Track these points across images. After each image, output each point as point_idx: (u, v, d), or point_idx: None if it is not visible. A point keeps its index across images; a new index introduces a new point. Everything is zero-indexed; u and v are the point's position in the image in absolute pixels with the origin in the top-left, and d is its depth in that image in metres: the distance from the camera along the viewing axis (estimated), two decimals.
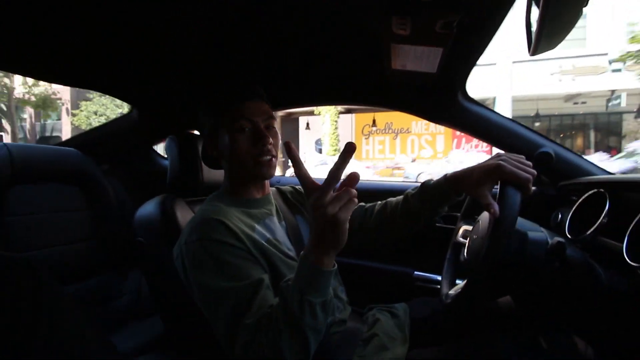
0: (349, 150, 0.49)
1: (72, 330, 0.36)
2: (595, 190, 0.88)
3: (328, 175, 0.51)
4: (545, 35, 0.42)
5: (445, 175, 0.76)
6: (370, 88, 1.14)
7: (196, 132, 1.09)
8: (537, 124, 11.42)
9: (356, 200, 0.52)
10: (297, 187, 0.95)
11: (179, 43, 0.84)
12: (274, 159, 0.75)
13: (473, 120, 1.12)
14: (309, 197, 0.53)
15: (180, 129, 1.35)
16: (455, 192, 0.75)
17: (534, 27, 0.46)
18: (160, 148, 1.97)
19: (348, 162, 0.50)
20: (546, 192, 1.14)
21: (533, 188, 1.13)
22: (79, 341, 0.36)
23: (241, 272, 0.62)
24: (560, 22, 0.38)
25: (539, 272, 0.66)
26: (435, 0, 0.52)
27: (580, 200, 0.92)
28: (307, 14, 0.70)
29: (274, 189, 0.90)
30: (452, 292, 0.75)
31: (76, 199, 1.29)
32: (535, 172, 0.63)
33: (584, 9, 0.39)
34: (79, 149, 1.33)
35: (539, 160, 1.06)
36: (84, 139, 1.49)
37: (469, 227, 0.87)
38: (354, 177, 0.52)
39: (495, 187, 0.67)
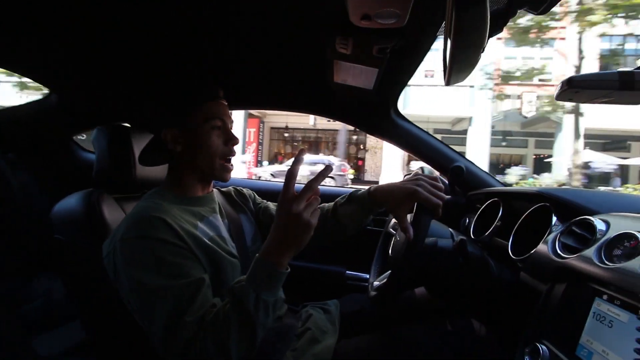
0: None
1: None
2: (493, 199, 1.07)
3: (306, 185, 0.58)
4: (455, 70, 0.52)
5: (369, 189, 0.83)
6: (316, 98, 1.21)
7: (127, 125, 1.01)
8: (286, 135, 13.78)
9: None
10: (237, 187, 0.97)
11: (128, 30, 0.79)
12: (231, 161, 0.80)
13: (402, 134, 1.26)
14: (284, 201, 0.58)
15: (108, 120, 1.24)
16: (377, 206, 0.82)
17: (447, 62, 0.56)
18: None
19: (324, 177, 0.59)
20: (458, 200, 1.33)
21: (447, 197, 1.31)
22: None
23: (182, 271, 0.62)
24: (465, 61, 0.48)
25: (447, 267, 0.79)
26: (373, 29, 0.60)
27: (482, 208, 1.11)
28: (261, 22, 0.73)
29: (215, 189, 0.90)
30: (377, 282, 0.84)
31: None
32: (445, 197, 0.72)
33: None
34: None
35: (453, 172, 1.24)
36: None
37: None
38: (317, 190, 0.60)
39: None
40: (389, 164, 12.04)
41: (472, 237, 1.06)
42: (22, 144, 1.31)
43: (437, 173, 0.80)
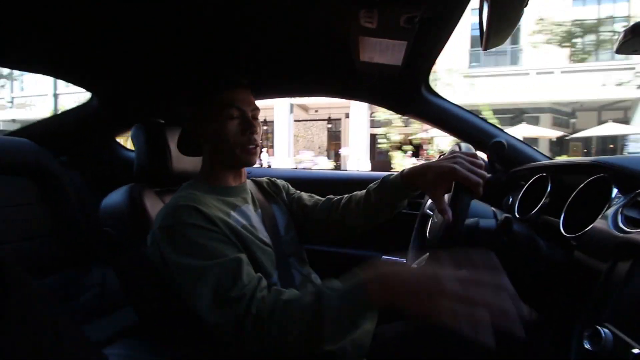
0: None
1: (44, 321, 0.35)
2: (539, 174, 0.99)
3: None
4: (494, 33, 0.48)
5: (402, 172, 0.78)
6: (340, 80, 1.18)
7: (161, 121, 1.06)
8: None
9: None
10: (272, 178, 0.98)
11: (151, 29, 0.82)
12: (258, 147, 0.78)
13: (436, 112, 1.20)
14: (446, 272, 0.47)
15: (145, 118, 1.30)
16: (411, 189, 0.77)
17: (484, 25, 0.51)
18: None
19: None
20: (500, 178, 1.25)
21: (488, 175, 1.24)
22: (50, 331, 0.36)
23: (217, 252, 0.63)
24: (505, 20, 0.43)
25: (491, 248, 0.74)
26: None
27: (527, 185, 1.03)
28: (280, 6, 0.72)
29: (249, 180, 0.91)
30: (415, 265, 0.81)
31: (31, 192, 1.21)
32: (486, 175, 0.66)
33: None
34: (33, 139, 1.24)
35: (492, 148, 1.16)
36: (37, 129, 1.39)
37: None
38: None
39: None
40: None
41: (517, 216, 0.99)
42: (72, 146, 1.41)
43: (473, 151, 0.74)
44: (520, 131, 9.81)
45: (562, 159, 1.33)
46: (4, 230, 1.11)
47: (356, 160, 12.01)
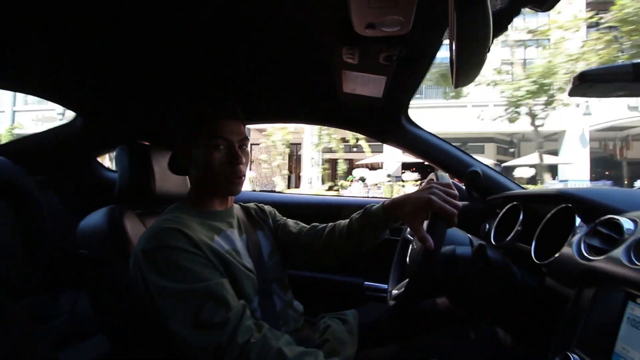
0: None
1: (23, 340, 0.35)
2: (512, 203, 1.04)
3: None
4: (462, 72, 0.52)
5: (384, 203, 0.81)
6: (325, 109, 1.23)
7: (146, 143, 1.07)
8: None
9: None
10: (259, 205, 0.98)
11: (141, 51, 0.84)
12: (243, 177, 0.79)
13: (415, 141, 1.25)
14: None
15: (129, 140, 1.30)
16: (392, 219, 0.80)
17: (454, 65, 0.56)
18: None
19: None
20: (476, 206, 1.30)
21: (465, 203, 1.28)
22: (27, 353, 0.35)
23: (200, 276, 0.64)
24: (470, 63, 0.48)
25: (467, 274, 0.76)
26: (378, 37, 0.61)
27: (501, 213, 1.08)
28: (270, 38, 0.76)
29: (237, 205, 0.91)
30: (395, 291, 0.82)
31: (3, 212, 1.17)
32: (460, 205, 0.70)
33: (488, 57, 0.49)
34: (10, 157, 1.21)
35: (469, 177, 1.22)
36: (15, 147, 1.36)
37: None
38: None
39: None
40: None
41: (493, 243, 1.02)
42: (50, 166, 1.38)
43: (449, 180, 0.78)
44: None
45: (531, 188, 1.40)
46: None
47: (307, 184, 12.30)
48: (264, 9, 0.65)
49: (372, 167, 12.01)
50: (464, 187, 1.30)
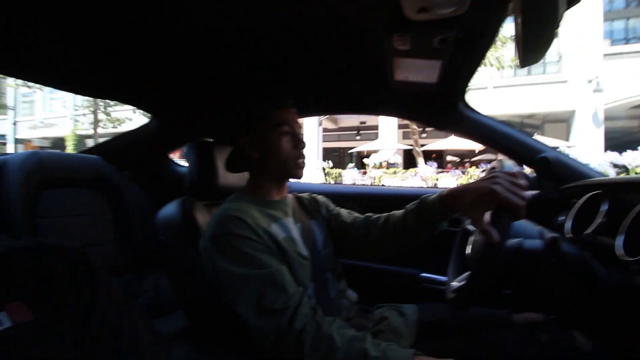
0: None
1: (123, 312, 0.41)
2: (594, 192, 0.92)
3: None
4: (528, 50, 0.48)
5: (441, 193, 0.77)
6: (378, 98, 1.21)
7: (210, 140, 1.16)
8: None
9: None
10: (312, 195, 1.02)
11: (205, 59, 0.92)
12: (305, 162, 0.87)
13: (475, 127, 1.17)
14: None
15: (196, 137, 1.43)
16: (450, 210, 0.76)
17: (520, 42, 0.51)
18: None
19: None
20: (549, 195, 1.17)
21: (535, 192, 1.17)
22: (128, 322, 0.41)
23: (260, 262, 0.69)
24: (538, 40, 0.44)
25: (536, 270, 0.70)
26: (432, 20, 0.58)
27: (580, 203, 0.96)
28: (315, 30, 0.77)
29: (291, 195, 0.96)
30: (455, 283, 0.79)
31: (99, 203, 1.37)
32: (528, 196, 0.63)
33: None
34: (102, 156, 1.42)
35: (539, 165, 1.11)
36: (107, 147, 1.59)
37: None
38: None
39: None
40: None
41: (569, 236, 0.92)
42: (133, 162, 1.58)
43: (515, 168, 0.70)
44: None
45: (620, 175, 1.21)
46: (77, 235, 1.27)
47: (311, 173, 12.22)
48: (313, 2, 0.66)
49: (368, 154, 11.66)
50: (533, 176, 1.18)
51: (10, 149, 15.11)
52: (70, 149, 12.42)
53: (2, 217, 1.03)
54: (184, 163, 1.52)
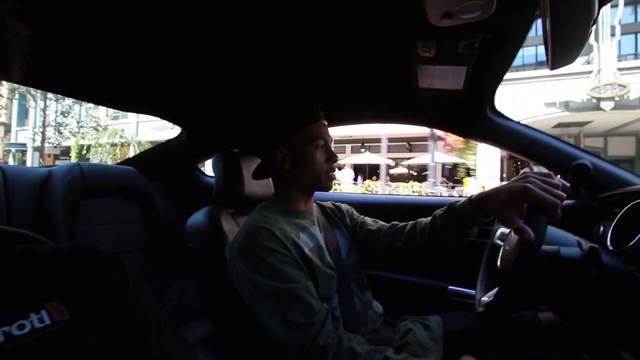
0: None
1: (152, 317, 0.42)
2: (638, 200, 0.86)
3: None
4: (559, 51, 0.46)
5: (470, 197, 0.75)
6: (401, 106, 1.20)
7: (236, 150, 1.20)
8: None
9: None
10: (336, 203, 1.02)
11: (234, 73, 0.96)
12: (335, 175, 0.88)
13: (504, 134, 1.13)
14: None
15: (222, 149, 1.48)
16: (481, 214, 0.73)
17: (549, 44, 0.50)
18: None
19: None
20: (587, 205, 1.11)
21: (571, 201, 1.11)
22: (156, 327, 0.42)
23: (288, 276, 0.69)
24: (570, 40, 0.42)
25: (575, 281, 0.66)
26: (457, 26, 0.57)
27: (622, 212, 0.90)
28: (341, 41, 0.79)
29: (315, 204, 0.96)
30: (485, 298, 0.75)
31: (133, 212, 1.44)
32: (563, 195, 0.61)
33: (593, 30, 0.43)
34: (136, 167, 1.50)
35: (575, 172, 1.05)
36: (140, 159, 1.67)
37: (506, 230, 0.87)
38: None
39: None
40: None
41: (611, 248, 0.86)
42: (163, 173, 1.65)
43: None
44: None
45: None
46: (112, 242, 1.33)
47: None
48: (336, 10, 0.67)
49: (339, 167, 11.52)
50: (568, 184, 1.12)
51: (29, 155, 16.00)
52: (73, 156, 13.00)
53: (46, 223, 1.10)
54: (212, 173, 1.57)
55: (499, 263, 0.80)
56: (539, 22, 0.62)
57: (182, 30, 0.75)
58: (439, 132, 8.59)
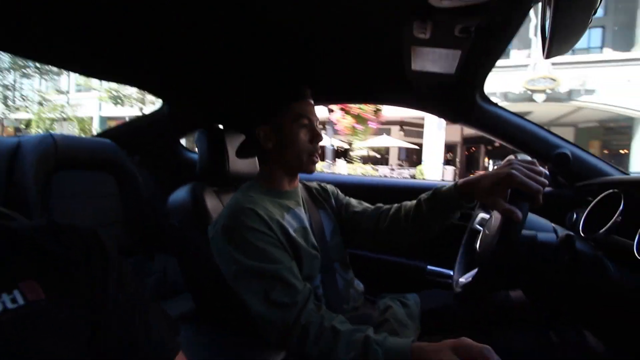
0: None
1: (134, 290, 0.41)
2: (611, 190, 0.90)
3: None
4: (557, 40, 0.46)
5: (456, 183, 0.77)
6: (392, 88, 1.18)
7: (220, 126, 1.16)
8: None
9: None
10: (321, 184, 1.01)
11: (218, 44, 0.90)
12: (318, 156, 0.85)
13: (491, 121, 1.14)
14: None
15: (206, 123, 1.43)
16: (465, 200, 0.75)
17: (547, 31, 0.49)
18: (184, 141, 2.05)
19: None
20: (563, 193, 1.15)
21: (549, 189, 1.15)
22: (138, 301, 0.42)
23: (271, 256, 0.69)
24: (570, 28, 0.42)
25: (549, 266, 0.69)
26: (454, 7, 0.55)
27: (595, 201, 0.94)
28: (334, 17, 0.75)
29: (300, 183, 0.95)
30: (462, 279, 0.78)
31: (110, 186, 1.39)
32: (546, 182, 0.63)
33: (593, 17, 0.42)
34: (114, 140, 1.43)
35: (556, 161, 1.08)
36: (118, 131, 1.60)
37: (486, 216, 0.90)
38: None
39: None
40: None
41: (582, 234, 0.90)
42: (144, 147, 1.59)
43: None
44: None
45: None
46: (88, 216, 1.29)
47: None
48: None
49: None
50: (547, 173, 1.16)
51: None
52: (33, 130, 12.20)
53: (17, 197, 1.05)
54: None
55: (478, 246, 0.83)
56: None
57: None
58: (333, 118, 8.70)
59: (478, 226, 0.92)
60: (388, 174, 10.96)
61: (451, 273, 0.98)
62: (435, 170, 10.53)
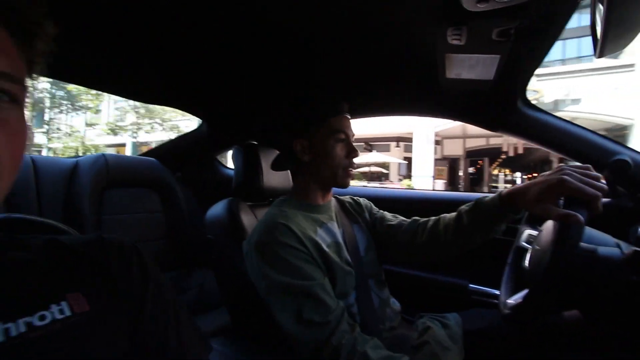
0: None
1: (170, 305, 0.42)
2: None
3: None
4: (611, 37, 0.42)
5: (500, 193, 0.72)
6: (426, 97, 1.15)
7: (255, 142, 1.20)
8: None
9: None
10: (354, 197, 1.00)
11: (259, 64, 0.95)
12: (353, 171, 0.85)
13: (536, 127, 1.07)
14: None
15: (242, 140, 1.48)
16: (512, 210, 0.70)
17: (599, 29, 0.45)
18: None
19: None
20: (623, 204, 1.03)
21: (607, 200, 1.04)
22: (173, 314, 0.42)
23: (304, 273, 0.68)
24: (626, 24, 0.38)
25: (612, 286, 0.61)
26: (492, 10, 0.53)
27: None
28: (368, 32, 0.75)
29: (333, 198, 0.94)
30: (511, 300, 0.72)
31: (154, 202, 1.47)
32: (605, 187, 0.57)
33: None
34: (158, 158, 1.52)
35: (614, 168, 0.98)
36: (162, 150, 1.70)
37: (533, 232, 0.83)
38: None
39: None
40: None
41: None
42: (184, 165, 1.68)
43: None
44: None
45: None
46: (135, 232, 1.37)
47: None
48: None
49: None
50: (604, 182, 1.05)
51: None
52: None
53: (74, 212, 1.14)
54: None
55: (527, 264, 0.76)
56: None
57: (204, 20, 0.74)
58: None
59: (525, 244, 0.85)
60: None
61: (496, 292, 0.90)
62: (424, 185, 10.24)
